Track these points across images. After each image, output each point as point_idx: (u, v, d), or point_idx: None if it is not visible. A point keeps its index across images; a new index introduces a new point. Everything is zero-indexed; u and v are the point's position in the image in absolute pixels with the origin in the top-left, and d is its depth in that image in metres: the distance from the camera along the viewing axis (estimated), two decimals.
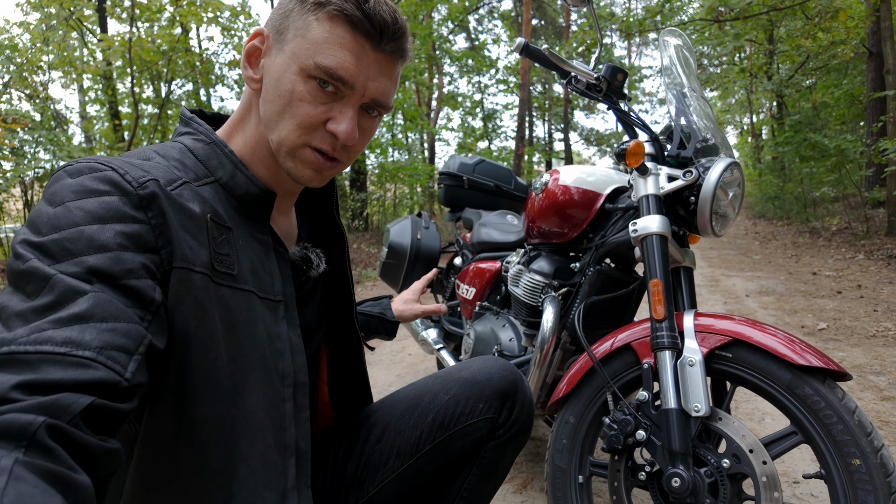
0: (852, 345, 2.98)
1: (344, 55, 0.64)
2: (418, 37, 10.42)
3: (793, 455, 1.78)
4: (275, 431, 0.66)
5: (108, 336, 0.48)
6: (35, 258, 0.50)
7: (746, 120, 20.16)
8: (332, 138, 0.68)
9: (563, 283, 1.52)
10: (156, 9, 8.03)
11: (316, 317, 0.87)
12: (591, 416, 1.18)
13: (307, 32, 0.65)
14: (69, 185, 0.55)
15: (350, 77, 0.65)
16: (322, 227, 0.90)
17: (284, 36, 0.67)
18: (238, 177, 0.69)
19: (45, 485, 0.37)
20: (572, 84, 1.25)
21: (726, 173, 1.14)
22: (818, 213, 9.83)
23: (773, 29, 10.49)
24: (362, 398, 0.99)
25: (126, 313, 0.50)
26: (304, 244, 0.83)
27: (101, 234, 0.52)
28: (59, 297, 0.48)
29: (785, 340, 0.99)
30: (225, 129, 0.75)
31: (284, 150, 0.69)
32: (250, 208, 0.70)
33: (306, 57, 0.64)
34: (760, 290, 4.73)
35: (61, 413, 0.42)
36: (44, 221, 0.52)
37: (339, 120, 0.67)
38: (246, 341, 0.64)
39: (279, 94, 0.66)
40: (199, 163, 0.68)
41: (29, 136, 6.64)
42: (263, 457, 0.64)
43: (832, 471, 0.91)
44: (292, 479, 0.67)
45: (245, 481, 0.62)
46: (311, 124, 0.67)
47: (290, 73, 0.66)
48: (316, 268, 0.82)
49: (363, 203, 10.48)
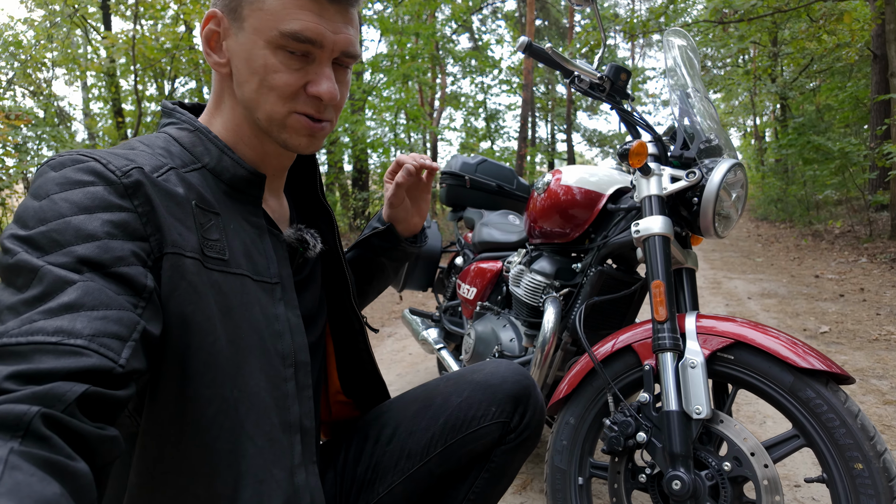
0: (855, 348, 2.97)
1: (306, 16, 0.65)
2: (422, 36, 10.42)
3: (794, 458, 1.77)
4: (278, 411, 0.67)
5: (99, 324, 0.48)
6: (23, 251, 0.50)
7: (750, 122, 20.14)
8: (316, 100, 0.69)
9: (564, 283, 1.52)
10: (160, 7, 8.06)
11: (317, 300, 0.87)
12: (591, 418, 1.18)
13: (262, 4, 0.65)
14: (53, 178, 0.55)
15: (317, 36, 0.66)
16: (309, 208, 0.90)
17: (240, 13, 0.67)
18: (225, 161, 0.69)
19: (41, 473, 0.37)
20: (575, 84, 1.25)
21: (730, 174, 1.14)
22: (821, 216, 9.79)
23: (778, 31, 10.45)
24: (372, 381, 0.99)
25: (117, 301, 0.50)
26: (298, 226, 0.83)
27: (88, 223, 0.52)
28: (48, 287, 0.48)
29: (787, 343, 0.98)
30: (204, 117, 0.75)
31: (275, 123, 0.69)
32: (241, 191, 0.70)
33: (269, 28, 0.65)
34: (762, 292, 4.72)
35: (56, 402, 0.42)
36: (30, 215, 0.52)
37: (317, 81, 0.68)
38: (243, 324, 0.64)
39: (252, 72, 0.67)
40: (184, 150, 0.68)
41: (32, 132, 6.66)
42: (269, 435, 0.65)
43: (834, 475, 0.91)
44: (298, 456, 0.69)
45: (253, 460, 0.63)
46: (291, 92, 0.68)
47: (257, 49, 0.66)
48: (313, 248, 0.82)
49: (365, 202, 10.48)
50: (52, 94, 9.72)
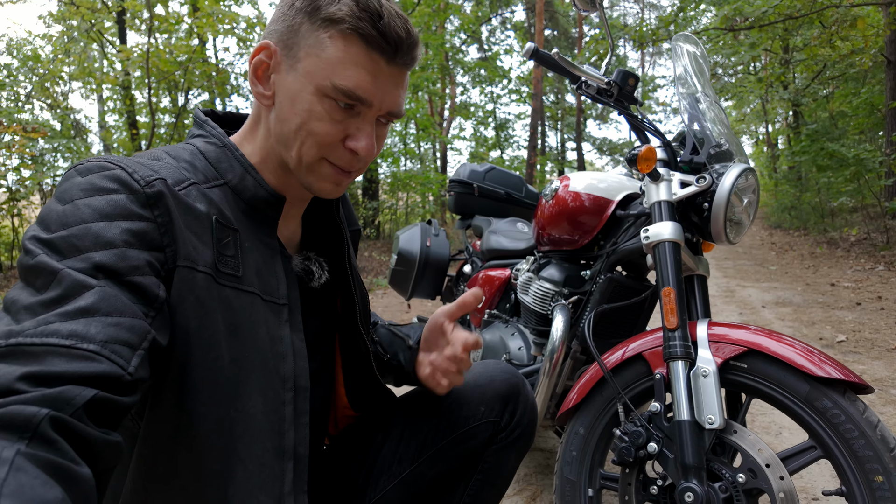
0: (873, 357, 2.91)
1: (361, 75, 0.64)
2: (431, 47, 10.50)
3: (812, 471, 1.73)
4: (273, 435, 0.65)
5: (112, 330, 0.48)
6: (44, 254, 0.51)
7: (762, 130, 19.96)
8: (351, 154, 0.69)
9: (573, 291, 1.50)
10: (174, 21, 8.20)
11: (326, 326, 0.86)
12: (601, 428, 1.16)
13: (321, 52, 0.64)
14: (79, 183, 0.56)
15: (368, 96, 0.66)
16: (323, 228, 0.88)
17: (295, 53, 0.66)
18: (247, 180, 0.69)
19: (45, 476, 0.38)
20: (582, 89, 1.24)
21: (741, 179, 1.12)
22: (836, 224, 9.65)
23: (790, 38, 10.38)
24: (379, 395, 0.97)
25: (131, 308, 0.51)
26: (307, 254, 0.81)
27: (108, 231, 0.53)
28: (66, 291, 0.49)
29: (803, 351, 0.96)
30: (237, 137, 0.75)
31: (304, 166, 0.69)
32: (259, 212, 0.70)
33: (323, 77, 0.64)
34: (777, 301, 4.64)
35: (65, 405, 0.42)
36: (53, 219, 0.53)
37: (357, 137, 0.68)
38: (248, 343, 0.64)
39: (295, 113, 0.66)
40: (209, 165, 0.68)
41: (49, 144, 6.78)
42: (260, 460, 0.64)
43: (853, 487, 0.88)
44: (289, 484, 0.66)
45: (241, 484, 0.62)
46: (329, 143, 0.68)
47: (306, 93, 0.65)
48: (318, 279, 0.81)
49: (375, 211, 10.52)
50: (69, 107, 9.91)
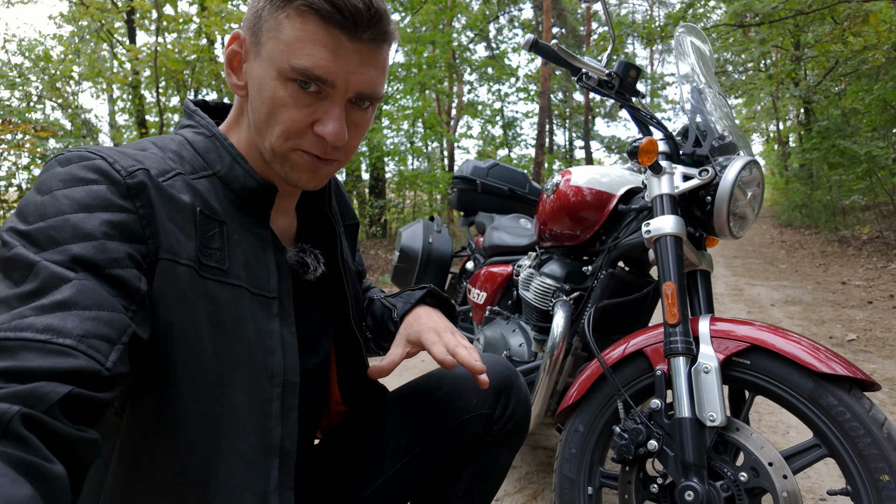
0: (884, 356, 2.86)
1: (319, 52, 0.61)
2: (438, 45, 10.48)
3: (817, 470, 1.69)
4: (258, 431, 0.64)
5: (90, 324, 0.47)
6: (21, 245, 0.49)
7: (773, 127, 19.75)
8: (322, 141, 0.66)
9: (574, 286, 1.48)
10: (182, 20, 8.25)
11: (320, 321, 0.84)
12: (601, 425, 1.14)
13: (279, 33, 0.62)
14: (58, 173, 0.55)
15: (329, 75, 0.62)
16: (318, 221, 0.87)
17: (259, 38, 0.64)
18: (236, 170, 0.68)
19: (14, 474, 0.37)
20: (583, 81, 1.22)
21: (744, 172, 1.09)
22: (848, 222, 9.51)
23: (801, 34, 10.24)
24: (372, 391, 0.96)
25: (110, 302, 0.49)
26: (302, 246, 0.80)
27: (87, 222, 0.51)
28: (42, 283, 0.47)
29: (808, 347, 0.93)
30: (223, 127, 0.74)
31: (278, 156, 0.67)
32: (249, 202, 0.69)
33: (281, 59, 0.61)
34: (786, 299, 4.58)
35: (38, 402, 0.41)
36: (31, 210, 0.52)
37: (324, 121, 0.64)
38: (233, 337, 0.62)
39: (263, 101, 0.64)
40: (197, 155, 0.67)
41: (59, 143, 6.85)
42: (244, 456, 0.62)
43: (859, 487, 0.85)
44: (274, 481, 0.64)
45: (224, 481, 0.60)
46: (296, 129, 0.64)
47: (269, 79, 0.63)
48: (313, 271, 0.79)
49: (381, 210, 10.52)
50: (80, 106, 10.00)
